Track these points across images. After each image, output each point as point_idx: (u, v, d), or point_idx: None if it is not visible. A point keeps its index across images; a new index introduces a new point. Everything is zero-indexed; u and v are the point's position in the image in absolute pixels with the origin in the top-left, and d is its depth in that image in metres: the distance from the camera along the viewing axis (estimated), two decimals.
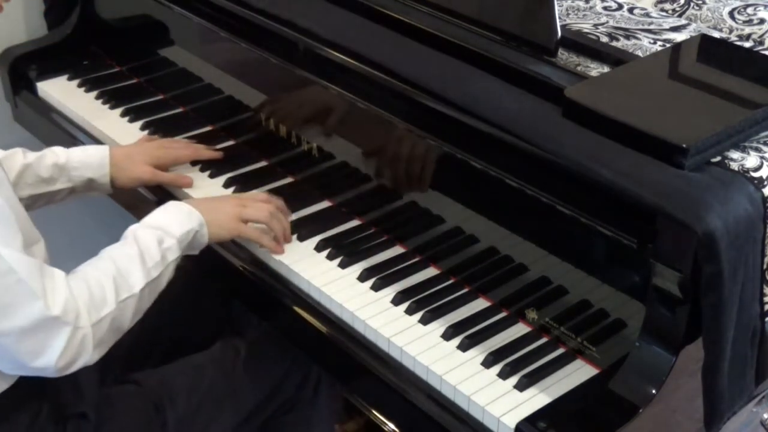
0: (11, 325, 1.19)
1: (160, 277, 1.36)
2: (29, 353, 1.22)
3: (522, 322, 1.38)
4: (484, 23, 1.44)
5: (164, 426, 1.47)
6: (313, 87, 1.58)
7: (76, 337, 1.23)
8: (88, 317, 1.25)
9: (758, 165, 1.18)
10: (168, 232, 1.39)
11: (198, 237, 1.44)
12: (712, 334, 1.14)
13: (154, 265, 1.35)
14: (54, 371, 1.24)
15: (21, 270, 1.18)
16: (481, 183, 1.36)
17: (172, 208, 1.45)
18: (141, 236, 1.37)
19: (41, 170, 1.58)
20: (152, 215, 1.43)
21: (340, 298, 1.42)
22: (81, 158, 1.62)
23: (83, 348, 1.25)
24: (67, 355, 1.23)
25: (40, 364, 1.23)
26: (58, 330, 1.21)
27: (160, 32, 1.96)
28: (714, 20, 1.61)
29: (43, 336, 1.21)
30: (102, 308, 1.27)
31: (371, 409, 1.44)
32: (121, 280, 1.31)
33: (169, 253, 1.38)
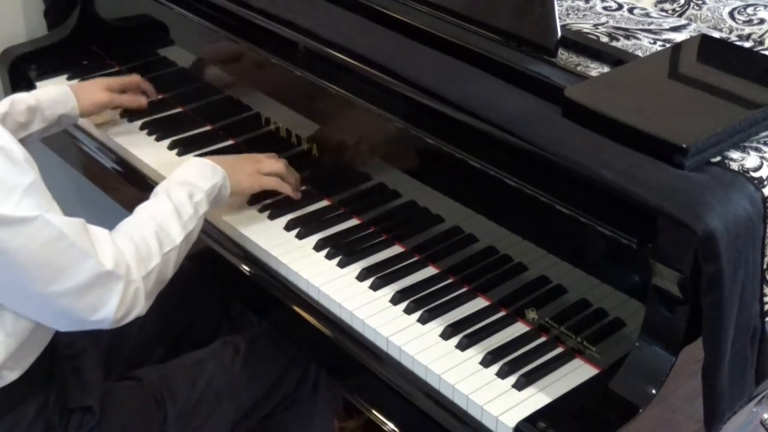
0: (68, 286, 1.22)
1: (194, 229, 1.43)
2: (88, 308, 1.25)
3: (521, 322, 1.38)
4: (484, 23, 1.44)
5: (165, 420, 1.48)
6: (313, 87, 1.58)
7: (130, 290, 1.28)
8: (138, 270, 1.30)
9: (758, 165, 1.17)
10: (197, 186, 1.46)
11: (222, 190, 1.51)
12: (712, 334, 1.14)
13: (189, 218, 1.42)
14: (111, 323, 1.29)
15: (70, 233, 1.22)
16: (481, 182, 1.36)
17: (196, 164, 1.52)
18: (173, 192, 1.43)
19: (17, 116, 1.64)
20: (178, 172, 1.50)
21: (339, 298, 1.42)
22: (49, 98, 1.72)
23: (137, 299, 1.30)
24: (123, 307, 1.28)
25: (99, 317, 1.27)
26: (112, 284, 1.26)
27: (160, 32, 1.96)
28: (714, 20, 1.61)
29: (99, 291, 1.25)
30: (149, 261, 1.32)
31: (370, 409, 1.44)
32: (162, 234, 1.36)
33: (200, 207, 1.45)
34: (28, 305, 1.26)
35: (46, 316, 1.29)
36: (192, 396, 1.51)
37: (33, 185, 1.20)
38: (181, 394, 1.51)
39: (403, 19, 1.51)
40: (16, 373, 1.32)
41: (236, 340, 1.61)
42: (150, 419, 1.47)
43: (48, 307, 1.25)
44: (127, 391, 1.49)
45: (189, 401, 1.51)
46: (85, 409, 1.41)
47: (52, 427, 1.37)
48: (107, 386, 1.48)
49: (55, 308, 1.25)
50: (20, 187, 1.18)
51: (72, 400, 1.40)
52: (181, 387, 1.51)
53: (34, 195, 1.20)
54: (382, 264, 1.49)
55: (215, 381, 1.54)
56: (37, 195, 1.21)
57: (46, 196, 1.24)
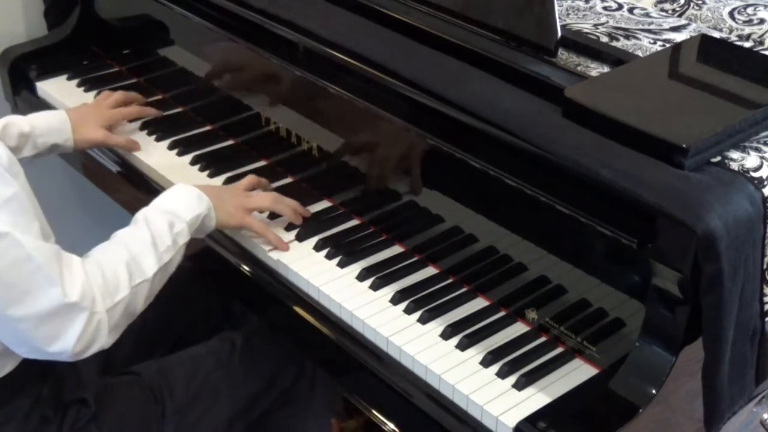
0: (29, 311, 1.20)
1: (171, 261, 1.39)
2: (46, 338, 1.23)
3: (521, 322, 1.38)
4: (484, 23, 1.44)
5: (162, 415, 1.48)
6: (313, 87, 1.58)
7: (92, 322, 1.25)
8: (102, 302, 1.26)
9: (758, 165, 1.17)
10: (178, 216, 1.41)
11: (206, 221, 1.47)
12: (712, 334, 1.14)
13: (166, 250, 1.37)
14: (70, 356, 1.26)
15: (39, 256, 1.19)
16: (481, 182, 1.36)
17: (182, 192, 1.47)
18: (152, 220, 1.39)
19: (8, 140, 1.59)
20: (162, 198, 1.45)
21: (339, 298, 1.42)
22: (44, 126, 1.67)
23: (99, 333, 1.26)
24: (84, 340, 1.25)
25: (56, 349, 1.24)
26: (75, 315, 1.23)
27: (160, 32, 1.96)
28: (714, 20, 1.61)
29: (60, 321, 1.22)
30: (116, 293, 1.29)
31: (370, 409, 1.44)
32: (134, 266, 1.32)
33: (179, 237, 1.40)
34: None
35: (6, 337, 1.26)
36: (190, 391, 1.51)
37: (12, 199, 1.18)
38: (178, 389, 1.51)
39: (403, 19, 1.51)
40: (10, 366, 1.32)
41: (233, 336, 1.61)
42: (147, 414, 1.47)
43: (6, 329, 1.23)
44: (125, 385, 1.49)
45: (186, 396, 1.51)
46: (81, 402, 1.41)
47: (48, 421, 1.37)
48: (105, 381, 1.48)
49: (12, 332, 1.23)
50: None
51: (67, 394, 1.40)
52: (179, 382, 1.52)
53: (11, 210, 1.18)
54: (382, 264, 1.49)
55: (213, 376, 1.54)
56: (13, 211, 1.18)
57: (25, 214, 1.21)
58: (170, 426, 1.49)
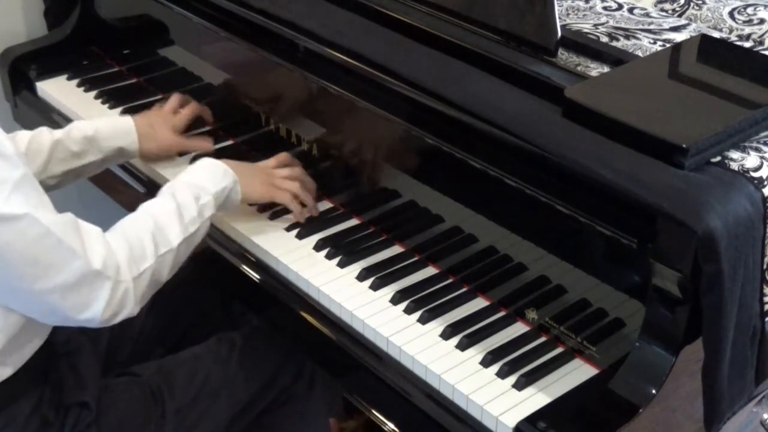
0: (55, 283, 1.22)
1: (196, 232, 1.41)
2: (75, 307, 1.25)
3: (521, 322, 1.38)
4: (484, 23, 1.44)
5: (162, 416, 1.48)
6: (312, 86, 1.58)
7: (119, 290, 1.27)
8: (128, 271, 1.28)
9: (758, 165, 1.17)
10: (204, 189, 1.44)
11: (232, 195, 1.49)
12: (712, 334, 1.14)
13: (191, 220, 1.39)
14: (99, 322, 1.28)
15: (58, 230, 1.21)
16: (481, 182, 1.36)
17: (208, 165, 1.49)
18: (179, 192, 1.41)
19: (71, 144, 1.60)
20: (188, 172, 1.48)
21: (339, 298, 1.42)
22: (108, 129, 1.66)
23: (126, 300, 1.29)
24: (112, 307, 1.27)
25: (86, 316, 1.26)
26: (100, 284, 1.25)
27: (160, 32, 1.96)
28: (714, 20, 1.61)
29: (87, 290, 1.25)
30: (142, 262, 1.31)
31: (370, 409, 1.44)
32: (159, 235, 1.34)
33: (205, 209, 1.42)
34: (16, 300, 1.26)
35: (34, 311, 1.28)
36: (189, 391, 1.51)
37: (23, 180, 1.19)
38: (178, 389, 1.51)
39: (403, 19, 1.51)
40: (9, 369, 1.32)
41: (232, 336, 1.61)
42: (148, 415, 1.47)
43: (35, 303, 1.25)
44: (125, 386, 1.49)
45: (186, 397, 1.51)
46: (82, 405, 1.41)
47: (49, 424, 1.37)
48: (105, 382, 1.48)
49: (42, 305, 1.25)
50: (9, 182, 1.18)
51: (68, 397, 1.40)
52: (179, 382, 1.52)
53: (24, 191, 1.19)
54: (382, 264, 1.49)
55: (212, 376, 1.54)
56: (26, 191, 1.20)
57: (37, 191, 1.23)
58: (170, 426, 1.49)
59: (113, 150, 1.66)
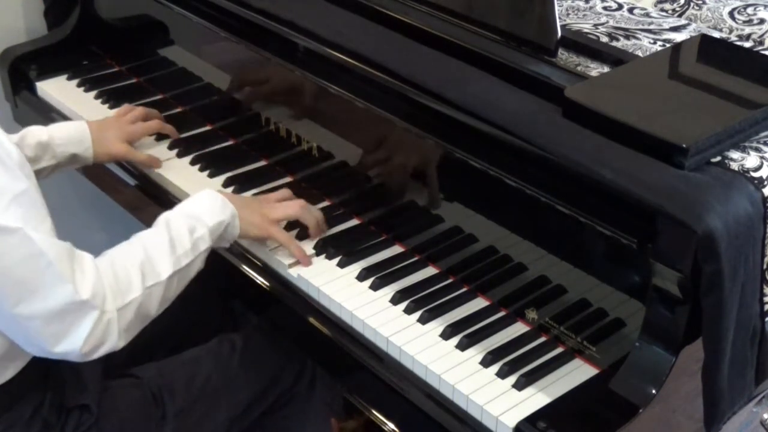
0: (39, 308, 1.19)
1: (189, 265, 1.37)
2: (54, 337, 1.21)
3: (521, 322, 1.38)
4: (484, 23, 1.44)
5: (163, 418, 1.48)
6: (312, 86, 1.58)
7: (102, 322, 1.23)
8: (113, 301, 1.25)
9: (758, 165, 1.17)
10: (200, 221, 1.40)
11: (229, 229, 1.45)
12: (712, 334, 1.14)
13: (184, 253, 1.36)
14: (79, 356, 1.24)
15: (50, 253, 1.18)
16: (481, 182, 1.36)
17: (207, 198, 1.45)
18: (173, 223, 1.38)
19: (26, 150, 1.58)
20: (186, 203, 1.44)
21: (339, 298, 1.42)
22: (63, 135, 1.65)
23: (109, 333, 1.25)
24: (93, 339, 1.23)
25: (64, 349, 1.23)
26: (85, 314, 1.21)
27: (160, 32, 1.96)
28: (714, 20, 1.61)
29: (69, 320, 1.21)
30: (128, 293, 1.27)
31: (370, 409, 1.44)
32: (148, 267, 1.31)
33: (200, 243, 1.39)
34: None
35: (15, 335, 1.25)
36: (190, 393, 1.51)
37: (24, 195, 1.18)
38: (179, 391, 1.51)
39: (403, 19, 1.51)
40: (10, 372, 1.31)
41: (233, 338, 1.61)
42: (148, 416, 1.47)
43: (15, 327, 1.22)
44: (125, 388, 1.49)
45: (187, 398, 1.51)
46: (83, 407, 1.40)
47: (50, 427, 1.36)
48: (105, 384, 1.48)
49: (21, 330, 1.22)
50: (9, 194, 1.16)
51: (69, 399, 1.40)
52: (179, 384, 1.51)
53: (23, 205, 1.17)
54: (382, 264, 1.49)
55: (213, 378, 1.54)
56: (26, 206, 1.17)
57: (38, 209, 1.20)
58: (171, 428, 1.49)
59: (67, 156, 1.65)
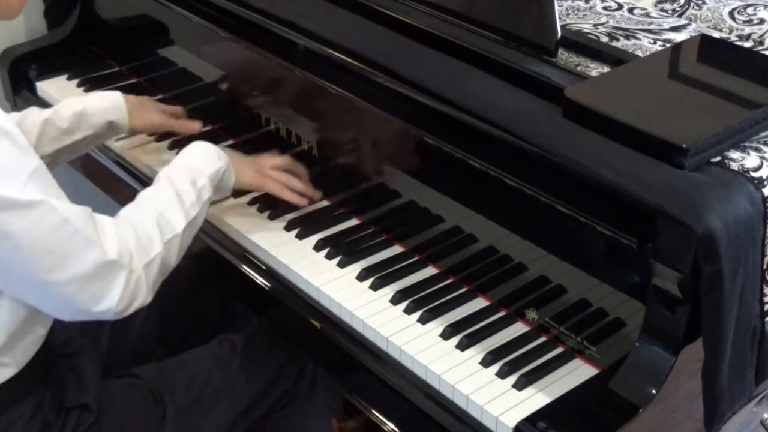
0: (72, 274, 1.21)
1: (197, 216, 1.41)
2: (91, 299, 1.24)
3: (521, 322, 1.38)
4: (484, 23, 1.44)
5: (163, 418, 1.48)
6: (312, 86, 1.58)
7: (132, 279, 1.26)
8: (139, 260, 1.28)
9: (758, 165, 1.17)
10: (199, 172, 1.44)
11: (225, 176, 1.49)
12: (712, 334, 1.14)
13: (191, 205, 1.39)
14: (114, 314, 1.27)
15: (75, 219, 1.20)
16: (481, 182, 1.36)
17: (200, 148, 1.49)
18: (174, 178, 1.41)
19: (61, 122, 1.60)
20: (181, 157, 1.47)
21: (339, 298, 1.42)
22: (98, 104, 1.66)
23: (139, 289, 1.28)
24: (126, 297, 1.26)
25: (101, 308, 1.25)
26: (116, 274, 1.24)
27: (160, 32, 1.96)
28: (714, 20, 1.61)
29: (103, 281, 1.24)
30: (151, 250, 1.30)
31: (370, 409, 1.44)
32: (163, 222, 1.34)
33: (203, 192, 1.42)
34: (30, 292, 1.25)
35: (48, 304, 1.27)
36: (190, 393, 1.51)
37: (38, 170, 1.19)
38: (179, 391, 1.50)
39: (403, 19, 1.51)
40: (10, 371, 1.31)
41: (233, 338, 1.61)
42: (149, 417, 1.47)
43: (50, 295, 1.24)
44: (126, 388, 1.49)
45: (187, 399, 1.51)
46: (83, 407, 1.40)
47: (49, 426, 1.36)
48: (105, 384, 1.48)
49: (57, 297, 1.24)
50: (25, 171, 1.17)
51: (69, 399, 1.40)
52: (180, 384, 1.51)
53: (40, 180, 1.19)
54: (382, 264, 1.49)
55: (213, 378, 1.54)
56: (42, 180, 1.19)
57: (52, 182, 1.22)
58: (171, 428, 1.48)
59: (103, 124, 1.66)
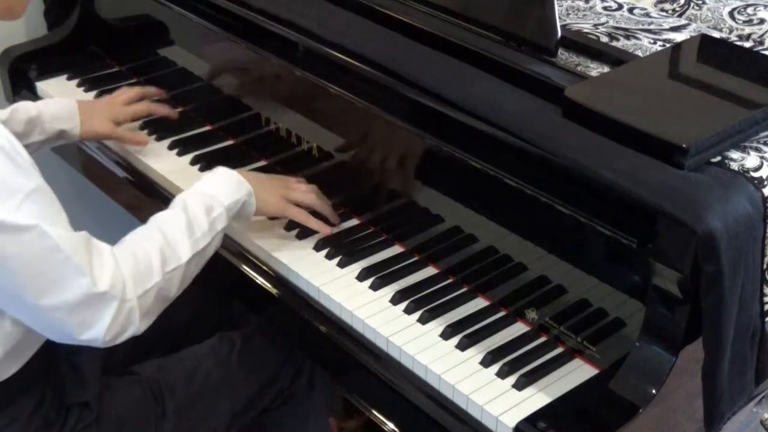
0: (60, 300, 1.20)
1: (207, 246, 1.38)
2: (79, 326, 1.23)
3: (521, 322, 1.38)
4: (484, 23, 1.44)
5: (163, 415, 1.48)
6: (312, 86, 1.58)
7: (123, 310, 1.24)
8: (134, 289, 1.26)
9: (758, 165, 1.17)
10: (217, 200, 1.41)
11: (246, 207, 1.46)
12: (712, 334, 1.14)
13: (202, 235, 1.36)
14: (102, 343, 1.26)
15: (67, 247, 1.19)
16: (481, 182, 1.36)
17: (223, 176, 1.46)
18: (190, 204, 1.38)
19: (15, 125, 1.60)
20: (202, 182, 1.45)
21: (339, 298, 1.42)
22: (52, 111, 1.68)
23: (131, 320, 1.26)
24: (115, 327, 1.25)
25: (89, 336, 1.24)
26: (105, 305, 1.23)
27: (160, 32, 1.96)
28: (714, 20, 1.61)
29: (91, 310, 1.22)
30: (148, 280, 1.28)
31: (370, 409, 1.44)
32: (168, 251, 1.32)
33: (217, 222, 1.39)
34: (22, 313, 1.25)
35: (38, 326, 1.27)
36: (190, 391, 1.51)
37: (37, 191, 1.18)
38: (179, 389, 1.51)
39: (403, 19, 1.51)
40: (12, 369, 1.32)
41: (232, 336, 1.62)
42: (148, 414, 1.47)
43: (40, 318, 1.23)
44: (125, 386, 1.49)
45: (187, 396, 1.51)
46: (83, 405, 1.41)
47: (50, 423, 1.37)
48: (105, 381, 1.48)
49: (46, 321, 1.23)
50: (22, 192, 1.16)
51: (69, 396, 1.40)
52: (179, 382, 1.52)
53: (37, 202, 1.18)
54: (382, 264, 1.49)
55: (213, 376, 1.54)
56: (39, 202, 1.18)
57: (52, 204, 1.21)
58: (170, 426, 1.49)
59: (55, 132, 1.67)
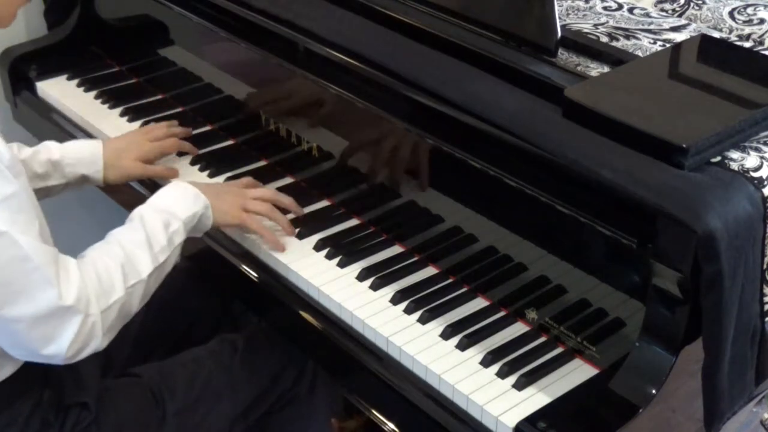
0: (24, 312, 1.19)
1: (166, 260, 1.38)
2: (41, 340, 1.22)
3: (521, 322, 1.38)
4: (484, 23, 1.44)
5: (163, 417, 1.48)
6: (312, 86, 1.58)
7: (86, 325, 1.24)
8: (96, 304, 1.25)
9: (758, 165, 1.17)
10: (174, 215, 1.40)
11: (203, 219, 1.46)
12: (712, 334, 1.14)
13: (161, 250, 1.36)
14: (63, 359, 1.25)
15: (36, 257, 1.18)
16: (481, 182, 1.36)
17: (179, 190, 1.46)
18: (148, 220, 1.38)
19: (36, 166, 1.58)
20: (158, 196, 1.44)
21: (339, 298, 1.42)
22: (74, 154, 1.63)
23: (93, 335, 1.25)
24: (78, 342, 1.24)
25: (50, 351, 1.23)
26: (69, 319, 1.22)
27: (159, 32, 1.96)
28: (714, 20, 1.61)
29: (54, 324, 1.21)
30: (111, 295, 1.28)
31: (370, 409, 1.44)
32: (129, 267, 1.31)
33: (175, 237, 1.39)
34: None
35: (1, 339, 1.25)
36: (190, 393, 1.51)
37: (11, 198, 1.17)
38: (179, 391, 1.51)
39: (403, 19, 1.51)
40: (9, 369, 1.31)
41: (234, 338, 1.61)
42: (148, 416, 1.47)
43: (1, 330, 1.22)
44: (126, 387, 1.49)
45: (187, 398, 1.51)
46: (81, 405, 1.40)
47: (48, 424, 1.37)
48: (105, 383, 1.48)
49: (7, 331, 1.22)
50: None
51: (68, 397, 1.40)
52: (180, 384, 1.51)
53: (10, 208, 1.17)
54: (382, 264, 1.49)
55: (213, 378, 1.54)
56: (13, 209, 1.17)
57: (27, 213, 1.20)
58: (171, 428, 1.48)
59: (76, 177, 1.63)
